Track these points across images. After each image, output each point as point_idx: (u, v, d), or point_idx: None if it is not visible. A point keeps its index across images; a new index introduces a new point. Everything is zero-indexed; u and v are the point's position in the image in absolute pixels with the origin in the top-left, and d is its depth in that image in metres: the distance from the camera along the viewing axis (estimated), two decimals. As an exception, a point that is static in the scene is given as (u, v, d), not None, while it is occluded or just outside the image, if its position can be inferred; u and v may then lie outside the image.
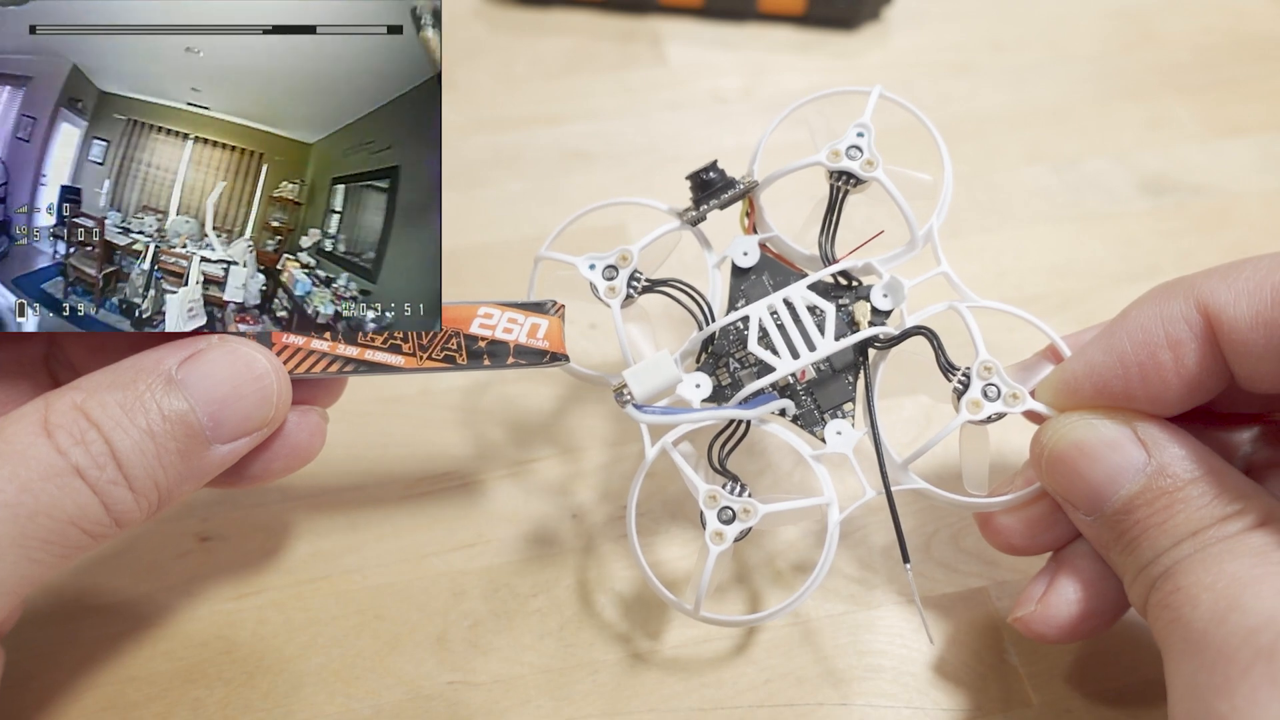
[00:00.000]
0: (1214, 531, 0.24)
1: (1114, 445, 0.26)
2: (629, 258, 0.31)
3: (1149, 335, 0.26)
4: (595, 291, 0.31)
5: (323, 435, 0.29)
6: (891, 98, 0.32)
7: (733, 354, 0.31)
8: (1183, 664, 0.23)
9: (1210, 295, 0.26)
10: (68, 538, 0.24)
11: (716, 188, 0.32)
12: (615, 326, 0.31)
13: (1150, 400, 0.26)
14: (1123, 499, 0.26)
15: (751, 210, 0.32)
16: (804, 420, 0.30)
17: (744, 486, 0.29)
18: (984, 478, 0.30)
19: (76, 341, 0.29)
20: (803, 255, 0.32)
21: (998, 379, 0.28)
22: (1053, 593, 0.28)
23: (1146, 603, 0.25)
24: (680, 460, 0.29)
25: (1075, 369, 0.27)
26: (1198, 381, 0.26)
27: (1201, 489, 0.25)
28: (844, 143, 0.31)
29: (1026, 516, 0.29)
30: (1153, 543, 0.25)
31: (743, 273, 0.32)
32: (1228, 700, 0.22)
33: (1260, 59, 0.49)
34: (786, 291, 0.30)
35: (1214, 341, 0.26)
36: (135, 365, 0.26)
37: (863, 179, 0.31)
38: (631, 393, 0.29)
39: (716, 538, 0.28)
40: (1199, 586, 0.24)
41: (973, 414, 0.28)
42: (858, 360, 0.31)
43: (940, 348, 0.29)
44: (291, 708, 0.31)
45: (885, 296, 0.31)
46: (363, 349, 0.28)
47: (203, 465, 0.26)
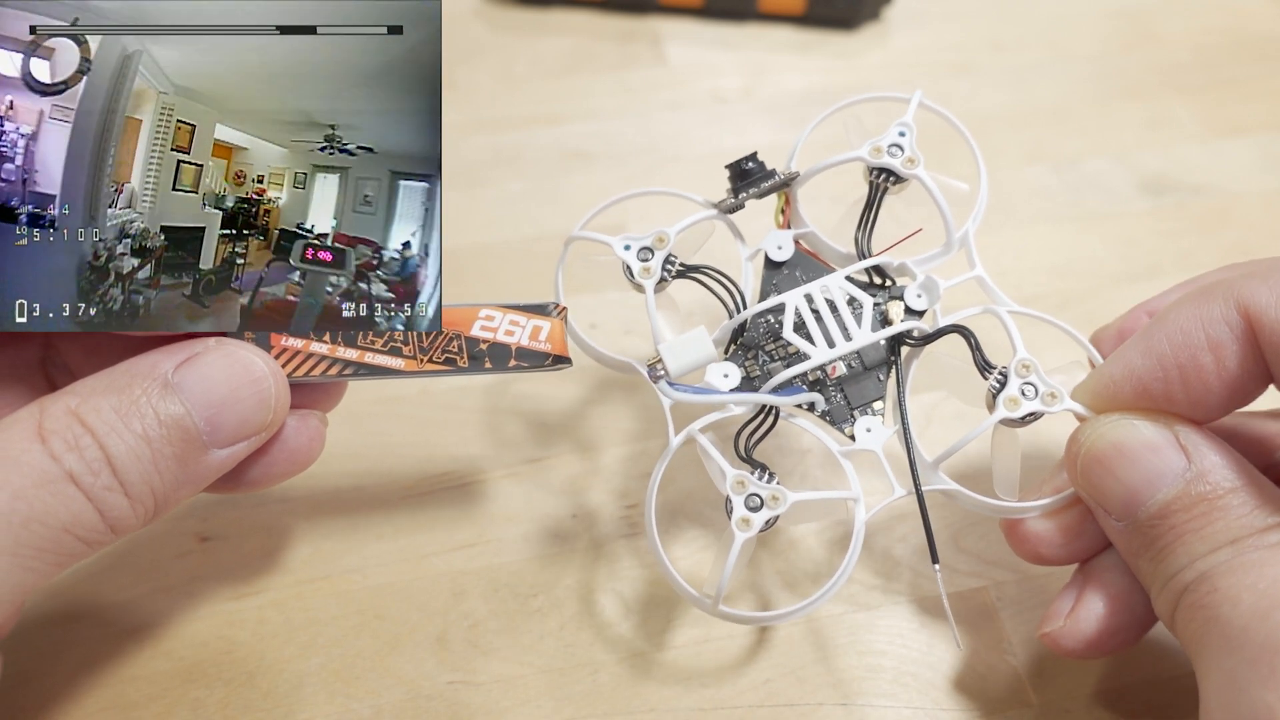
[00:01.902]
0: (1254, 540, 0.24)
1: (1154, 448, 0.26)
2: (665, 240, 0.31)
3: (1189, 337, 0.26)
4: (629, 273, 0.31)
5: (322, 440, 0.29)
6: (931, 106, 0.32)
7: (763, 346, 0.31)
8: (1221, 660, 0.23)
9: (1251, 297, 0.25)
10: (62, 545, 0.24)
11: (755, 177, 0.31)
12: (648, 310, 0.30)
13: (1191, 404, 0.26)
14: (1159, 504, 0.25)
15: (787, 205, 0.32)
16: (833, 416, 0.30)
17: (772, 474, 0.28)
18: (1015, 482, 0.29)
19: (73, 344, 0.29)
20: (837, 253, 0.32)
21: (1036, 378, 0.28)
22: (1082, 607, 0.28)
23: (1176, 609, 0.25)
24: (707, 444, 0.28)
25: (1114, 371, 0.27)
26: (1239, 384, 0.26)
27: (1242, 499, 0.25)
28: (886, 140, 0.31)
29: (1057, 524, 0.28)
30: (1188, 549, 0.25)
31: (776, 267, 0.32)
32: (1274, 689, 0.21)
33: (1260, 59, 0.49)
34: (824, 280, 0.30)
35: (1255, 344, 0.25)
36: (131, 369, 0.25)
37: (903, 176, 0.31)
38: (666, 367, 0.29)
39: (743, 524, 0.27)
40: (1240, 586, 0.23)
41: (1010, 411, 0.28)
42: (889, 358, 0.30)
43: (977, 345, 0.29)
44: (291, 708, 0.31)
45: (920, 296, 0.30)
46: (362, 352, 0.28)
47: (200, 470, 0.26)
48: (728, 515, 0.28)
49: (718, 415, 0.29)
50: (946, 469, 0.29)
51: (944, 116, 0.33)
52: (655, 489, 0.29)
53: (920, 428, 0.36)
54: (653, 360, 0.29)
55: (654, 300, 0.30)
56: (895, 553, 0.34)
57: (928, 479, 0.29)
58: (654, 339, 0.30)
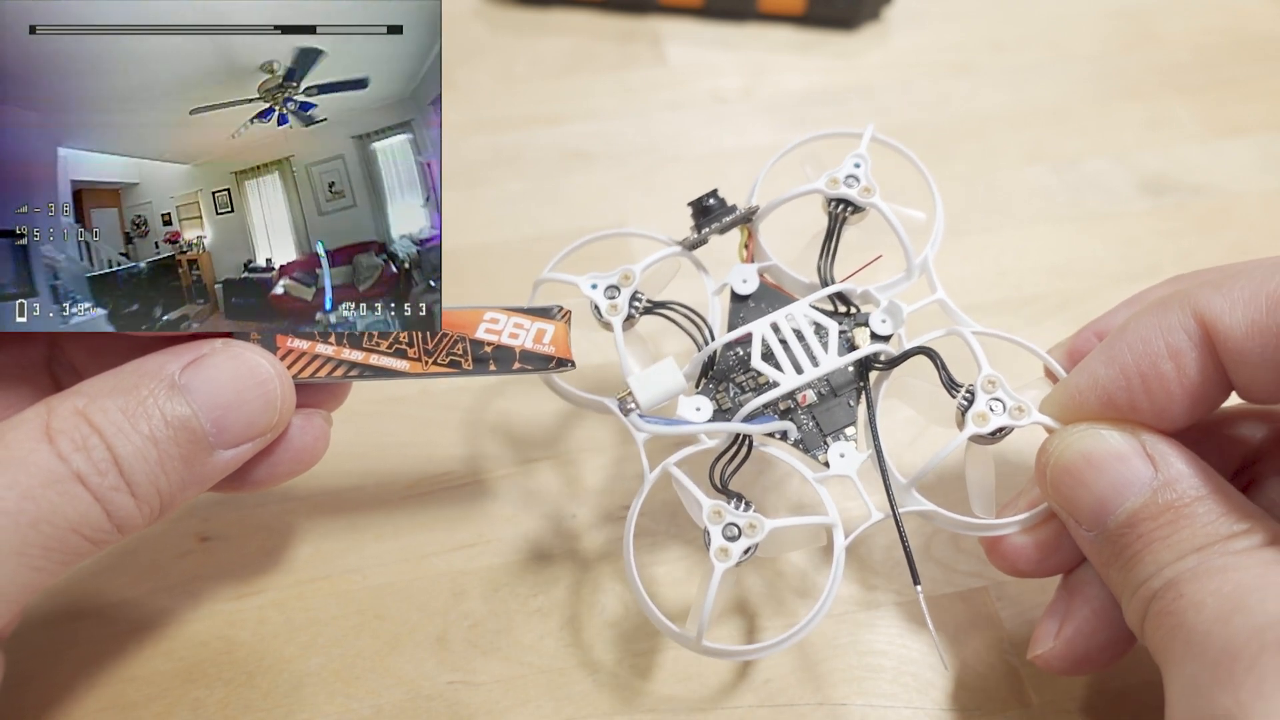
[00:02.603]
0: (1220, 548, 0.24)
1: (1121, 457, 0.26)
2: (631, 277, 0.31)
3: (1149, 346, 0.26)
4: (597, 312, 0.31)
5: (326, 439, 0.29)
6: (883, 139, 0.33)
7: (733, 377, 0.31)
8: (1184, 666, 0.23)
9: (1206, 305, 0.25)
10: (69, 544, 0.24)
11: (717, 213, 0.32)
12: (617, 347, 0.30)
13: (1155, 412, 0.26)
14: (1127, 512, 0.25)
15: (750, 239, 0.33)
16: (806, 443, 0.30)
17: (749, 503, 0.28)
18: (990, 500, 0.30)
19: (79, 344, 0.29)
20: (801, 284, 0.33)
21: (1002, 392, 0.29)
22: (1068, 626, 0.28)
23: (1145, 617, 0.25)
24: (682, 476, 0.28)
25: (1079, 382, 0.27)
26: (1201, 392, 0.26)
27: (1208, 506, 0.25)
28: (841, 171, 0.32)
29: (1035, 539, 0.28)
30: (1156, 557, 0.25)
31: (742, 300, 0.32)
32: (1232, 695, 0.21)
33: (1260, 59, 0.49)
34: (790, 309, 0.30)
35: (1213, 351, 0.25)
36: (138, 370, 0.25)
37: (860, 205, 0.32)
38: (636, 401, 0.29)
39: (722, 554, 0.27)
40: (1204, 592, 0.23)
41: (979, 427, 0.28)
42: (858, 382, 0.31)
43: (943, 365, 0.29)
44: (291, 708, 0.31)
45: (884, 321, 0.31)
46: (367, 354, 0.28)
47: (206, 471, 0.26)
48: (706, 547, 0.27)
49: (692, 448, 0.29)
50: (924, 487, 0.29)
51: (896, 149, 0.33)
52: (633, 525, 0.29)
53: (909, 441, 0.36)
54: (622, 394, 0.29)
55: (622, 337, 0.31)
56: (895, 553, 0.34)
57: (903, 501, 0.29)
58: (623, 373, 0.30)
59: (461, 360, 0.29)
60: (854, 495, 0.30)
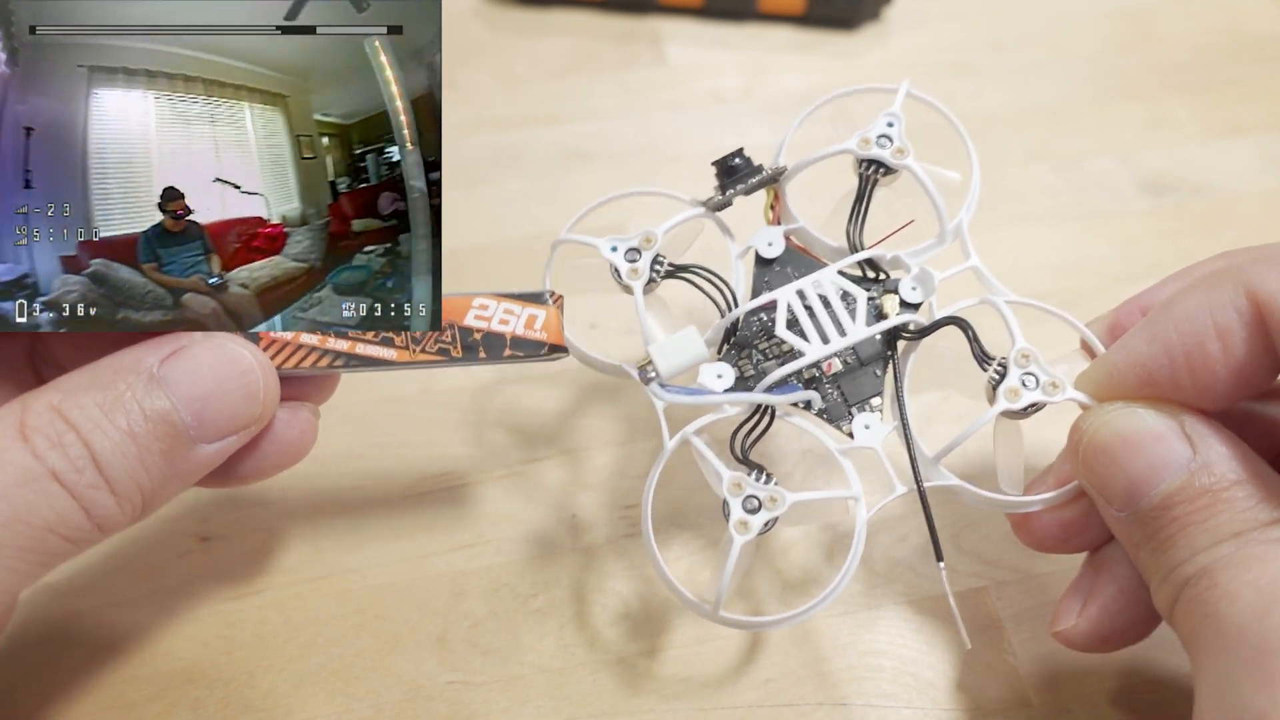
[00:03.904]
0: (1258, 534, 0.23)
1: (1159, 437, 0.25)
2: (653, 240, 0.30)
3: (1196, 324, 0.25)
4: (616, 275, 0.30)
5: (314, 432, 0.28)
6: (919, 95, 0.32)
7: (756, 344, 0.30)
8: (1217, 659, 0.22)
9: (1260, 282, 0.24)
10: (47, 545, 0.23)
11: (742, 173, 0.31)
12: (637, 310, 0.29)
13: (1198, 392, 0.25)
14: (1162, 494, 0.25)
15: (777, 201, 0.32)
16: (830, 414, 0.29)
17: (770, 475, 0.27)
18: (1019, 475, 0.29)
19: (62, 339, 0.29)
20: (828, 247, 0.32)
21: (1036, 367, 0.28)
22: (1093, 604, 0.27)
23: (1175, 602, 0.24)
24: (702, 446, 0.27)
25: (1119, 359, 0.26)
26: (1246, 373, 0.25)
27: (1248, 491, 0.24)
28: (874, 131, 0.31)
29: (1064, 516, 0.28)
30: (1190, 541, 0.24)
31: (767, 264, 0.31)
32: (1267, 693, 0.21)
33: (1260, 59, 0.49)
34: (816, 276, 0.29)
35: (1263, 330, 0.24)
36: (115, 364, 0.25)
37: (892, 167, 0.30)
38: (656, 369, 0.28)
39: (741, 527, 0.26)
40: (1239, 582, 0.23)
41: (1010, 402, 0.27)
42: (886, 352, 0.30)
43: (975, 337, 0.28)
44: (291, 708, 0.31)
45: (914, 289, 0.30)
46: (353, 343, 0.27)
47: (188, 465, 0.25)
48: (725, 518, 0.27)
49: (712, 417, 0.29)
50: (948, 465, 0.29)
51: (931, 105, 0.32)
52: (651, 493, 0.28)
53: (920, 425, 0.36)
54: (643, 363, 0.28)
55: (643, 301, 0.30)
56: (895, 553, 0.34)
57: (929, 475, 0.28)
58: (644, 341, 0.29)
59: (450, 348, 0.28)
60: (879, 469, 0.29)
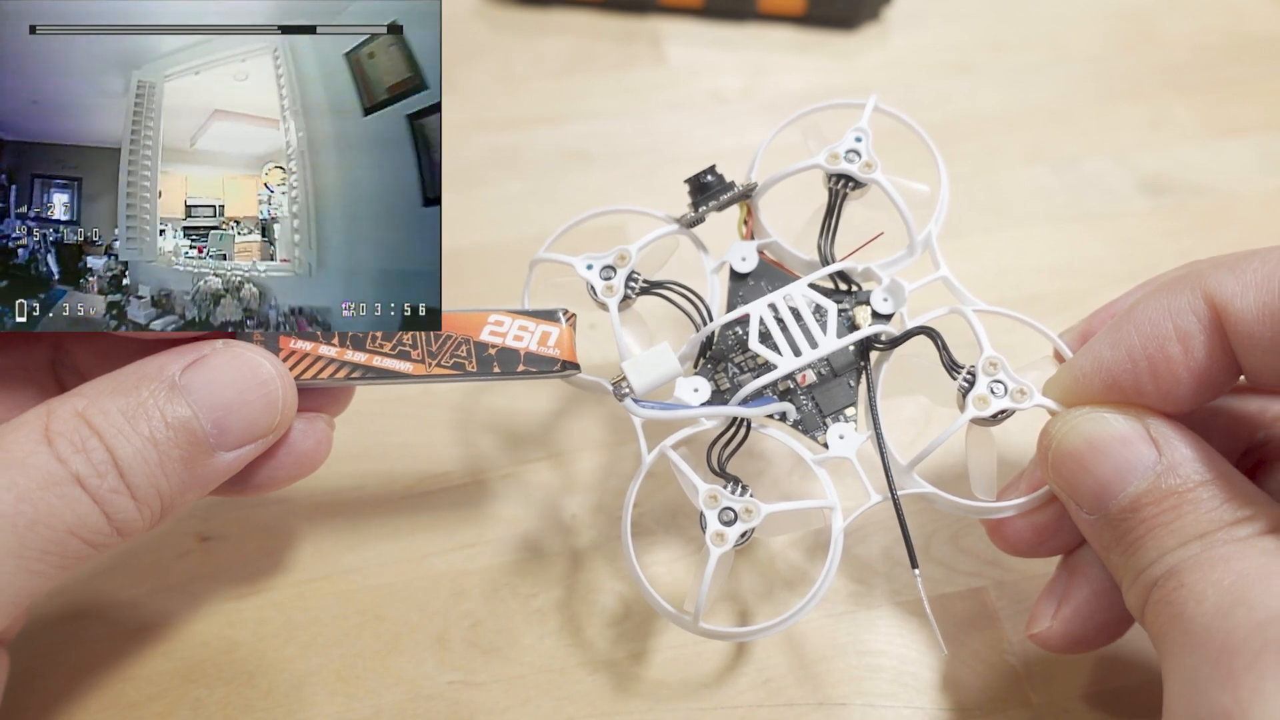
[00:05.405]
0: (1222, 534, 0.24)
1: (1124, 441, 0.26)
2: (627, 257, 0.31)
3: (1157, 328, 0.26)
4: (592, 292, 0.31)
5: (329, 443, 0.29)
6: (886, 109, 0.32)
7: (731, 357, 0.31)
8: (1183, 659, 0.23)
9: (1218, 286, 0.25)
10: (67, 548, 0.24)
11: (714, 190, 0.31)
12: (613, 327, 0.30)
13: (1161, 396, 0.26)
14: (1130, 497, 0.25)
15: (749, 216, 0.32)
16: (805, 424, 0.30)
17: (745, 487, 0.28)
18: (991, 481, 0.29)
19: (84, 345, 0.29)
20: (801, 261, 0.32)
21: (1004, 374, 0.28)
22: (1066, 606, 0.28)
23: (1146, 603, 0.25)
24: (679, 460, 0.28)
25: (1083, 364, 0.27)
26: (1208, 375, 0.25)
27: (1212, 492, 0.25)
28: (842, 146, 0.31)
29: (1035, 522, 0.28)
30: (1158, 543, 0.25)
31: (741, 278, 0.32)
32: (1231, 692, 0.21)
33: (1260, 59, 0.49)
34: (787, 289, 0.30)
35: (1222, 334, 0.25)
36: (138, 371, 0.25)
37: (861, 181, 0.31)
38: (630, 385, 0.29)
39: (717, 539, 0.27)
40: (1205, 583, 0.23)
41: (979, 410, 0.28)
42: (859, 362, 0.31)
43: (944, 346, 0.29)
44: (291, 708, 0.31)
45: (886, 300, 0.31)
46: (371, 355, 0.28)
47: (206, 473, 0.26)
48: (702, 530, 0.27)
49: (689, 430, 0.29)
50: (925, 472, 0.29)
51: (899, 119, 0.32)
52: (630, 506, 0.29)
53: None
54: (617, 379, 0.29)
55: (619, 318, 0.30)
56: (895, 552, 0.34)
57: (903, 483, 0.29)
58: (620, 357, 0.30)
59: (465, 362, 0.29)
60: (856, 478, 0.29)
